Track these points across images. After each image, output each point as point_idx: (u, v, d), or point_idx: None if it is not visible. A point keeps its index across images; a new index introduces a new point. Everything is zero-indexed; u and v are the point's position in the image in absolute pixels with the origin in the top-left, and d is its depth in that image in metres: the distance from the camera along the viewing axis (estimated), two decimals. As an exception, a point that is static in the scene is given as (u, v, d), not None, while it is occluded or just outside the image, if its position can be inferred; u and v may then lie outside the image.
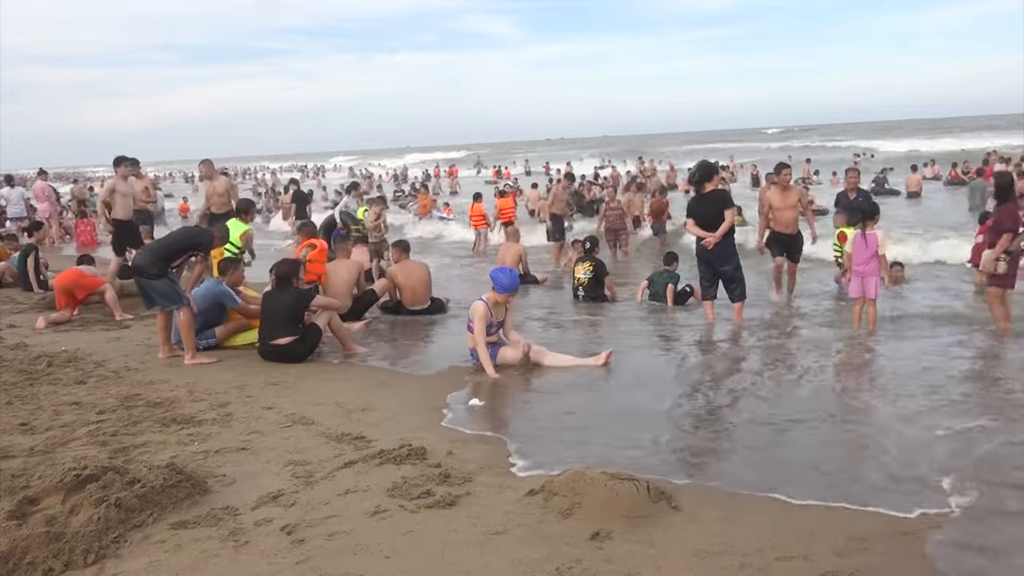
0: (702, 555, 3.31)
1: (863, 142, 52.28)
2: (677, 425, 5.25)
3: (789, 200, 9.33)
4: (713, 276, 8.32)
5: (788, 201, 9.32)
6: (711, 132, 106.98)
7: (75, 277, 9.07)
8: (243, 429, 5.09)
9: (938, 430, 4.91)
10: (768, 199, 9.46)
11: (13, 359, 6.96)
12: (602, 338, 8.12)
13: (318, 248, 8.61)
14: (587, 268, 9.98)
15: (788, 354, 7.17)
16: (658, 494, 3.77)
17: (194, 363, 6.85)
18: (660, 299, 9.45)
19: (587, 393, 5.99)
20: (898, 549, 3.39)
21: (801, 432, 4.99)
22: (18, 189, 17.93)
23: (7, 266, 11.73)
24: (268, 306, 7.11)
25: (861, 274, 7.73)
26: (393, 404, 5.64)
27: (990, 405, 5.43)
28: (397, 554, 3.35)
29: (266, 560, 3.32)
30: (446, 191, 34.77)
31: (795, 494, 3.97)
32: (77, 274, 9.15)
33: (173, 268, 7.06)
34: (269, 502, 3.89)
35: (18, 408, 5.58)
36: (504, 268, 7.29)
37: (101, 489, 3.63)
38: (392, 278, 9.20)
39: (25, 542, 3.31)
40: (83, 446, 4.75)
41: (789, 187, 9.51)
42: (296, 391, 6.04)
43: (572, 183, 18.15)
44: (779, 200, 9.32)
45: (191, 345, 6.96)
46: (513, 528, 3.57)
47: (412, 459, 4.42)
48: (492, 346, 6.68)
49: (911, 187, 23.57)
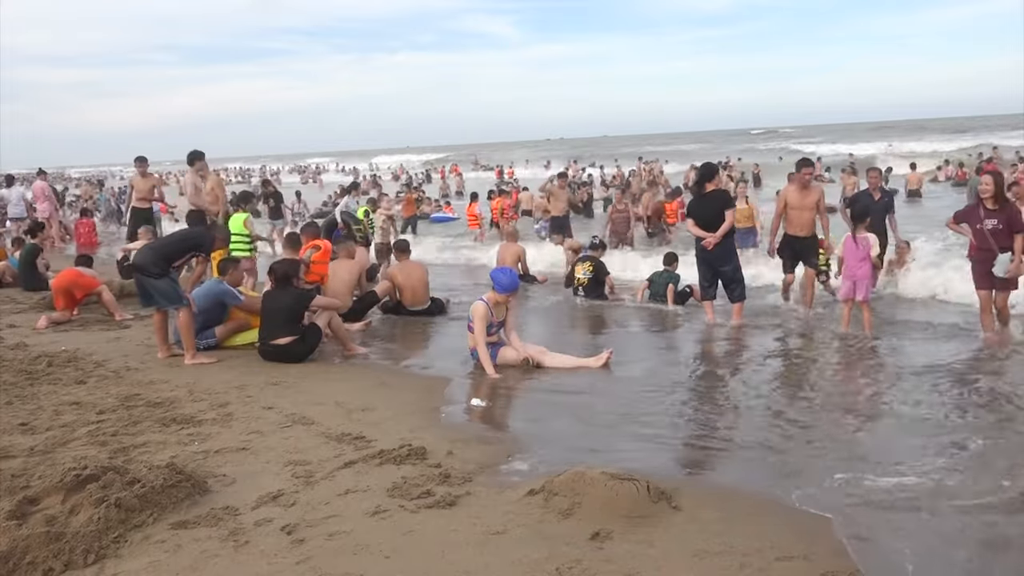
0: (702, 555, 3.31)
1: (864, 143, 52.14)
2: (677, 425, 5.25)
3: (808, 200, 8.49)
4: (713, 276, 8.32)
5: (807, 201, 8.50)
6: (709, 133, 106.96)
7: (73, 277, 9.05)
8: (243, 429, 5.09)
9: (941, 434, 4.92)
10: (785, 197, 8.74)
11: (13, 359, 6.96)
12: (602, 339, 8.12)
13: (322, 249, 8.60)
14: (587, 268, 9.98)
15: (789, 354, 7.17)
16: (658, 494, 3.77)
17: (194, 363, 6.85)
18: (660, 299, 9.45)
19: (587, 393, 5.99)
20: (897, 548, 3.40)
21: (799, 432, 5.00)
22: (18, 189, 17.91)
23: (7, 266, 11.73)
24: (268, 306, 7.11)
25: (852, 277, 7.69)
26: (393, 404, 5.64)
27: (989, 409, 5.44)
28: (397, 554, 3.35)
29: (266, 560, 3.32)
30: (453, 190, 34.66)
31: (795, 494, 3.98)
32: (75, 274, 9.14)
33: (174, 268, 7.06)
34: (269, 502, 3.89)
35: (18, 408, 5.58)
36: (504, 268, 7.29)
37: (101, 489, 3.63)
38: (392, 278, 9.20)
39: (25, 542, 3.31)
40: (83, 446, 4.75)
41: (809, 186, 8.57)
42: (296, 391, 6.04)
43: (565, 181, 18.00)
44: (797, 199, 8.53)
45: (191, 345, 6.96)
46: (513, 528, 3.57)
47: (412, 459, 4.42)
48: (492, 346, 6.69)
49: (911, 185, 23.53)
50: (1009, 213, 7.08)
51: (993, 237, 7.05)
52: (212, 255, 7.83)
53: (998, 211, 7.07)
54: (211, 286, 7.59)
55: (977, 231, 7.16)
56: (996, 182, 7.17)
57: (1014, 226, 7.00)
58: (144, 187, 13.29)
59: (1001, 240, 7.02)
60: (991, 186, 7.10)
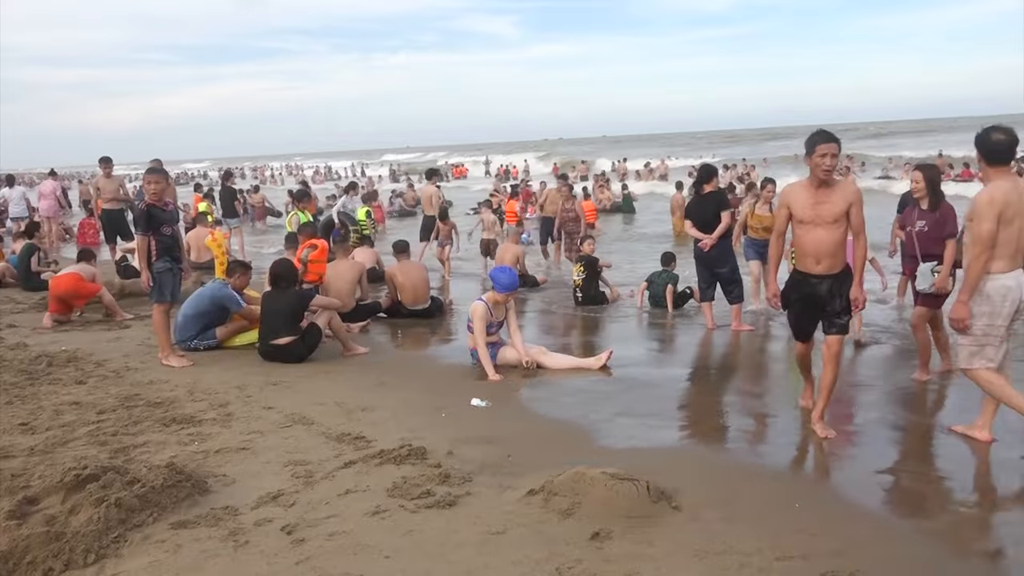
0: (702, 555, 3.31)
1: (860, 143, 52.04)
2: (677, 425, 5.26)
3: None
4: (711, 277, 8.31)
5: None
6: (708, 133, 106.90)
7: (71, 286, 8.79)
8: (243, 429, 5.09)
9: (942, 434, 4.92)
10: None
11: (13, 359, 6.96)
12: (602, 339, 8.12)
13: (319, 248, 8.60)
14: (579, 270, 10.00)
15: (786, 354, 7.16)
16: (658, 494, 3.77)
17: (166, 364, 6.83)
18: (660, 300, 9.45)
19: (587, 393, 5.99)
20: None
21: (800, 431, 5.00)
22: (19, 188, 17.93)
23: (7, 266, 11.74)
24: (268, 306, 7.11)
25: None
26: (393, 404, 5.64)
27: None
28: (397, 554, 3.35)
29: (266, 560, 3.33)
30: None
31: (795, 493, 3.98)
32: (74, 282, 8.85)
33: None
34: (269, 502, 3.89)
35: (18, 408, 5.58)
36: (504, 267, 7.30)
37: (101, 489, 3.64)
38: (391, 279, 9.21)
39: (25, 542, 3.31)
40: (83, 446, 4.75)
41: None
42: (296, 391, 6.04)
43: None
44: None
45: (164, 343, 6.97)
46: (513, 528, 3.57)
47: (412, 459, 4.42)
48: (492, 346, 6.69)
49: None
50: (942, 213, 5.85)
51: (919, 241, 5.88)
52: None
53: (928, 212, 5.90)
54: (216, 288, 7.57)
55: (908, 234, 6.07)
56: (927, 177, 5.94)
57: (944, 229, 5.79)
58: (111, 188, 13.28)
59: (927, 246, 5.83)
60: (922, 183, 5.92)
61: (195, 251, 11.89)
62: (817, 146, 4.65)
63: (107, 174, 13.29)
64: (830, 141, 4.65)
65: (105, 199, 13.29)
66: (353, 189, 16.53)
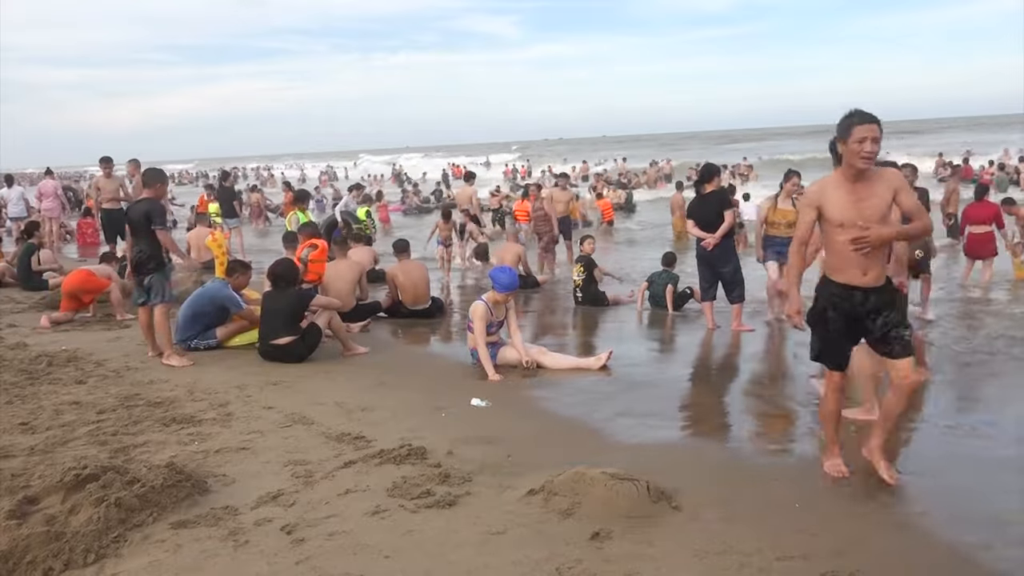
0: (702, 555, 3.31)
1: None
2: (677, 425, 5.25)
3: None
4: (713, 277, 8.30)
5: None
6: (710, 133, 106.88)
7: (82, 280, 8.95)
8: (243, 429, 5.09)
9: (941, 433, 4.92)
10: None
11: (13, 359, 6.96)
12: (602, 339, 8.11)
13: (319, 248, 8.60)
14: (579, 270, 10.00)
15: (787, 355, 7.16)
16: (658, 494, 3.77)
17: (167, 364, 6.84)
18: (660, 300, 9.44)
19: (587, 393, 5.99)
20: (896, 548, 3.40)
21: (799, 431, 5.00)
22: (17, 189, 17.93)
23: (7, 266, 11.73)
24: (268, 306, 7.10)
25: None
26: (393, 404, 5.64)
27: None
28: (397, 554, 3.35)
29: (266, 560, 3.32)
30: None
31: (795, 493, 3.98)
32: (85, 277, 9.01)
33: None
34: (269, 502, 3.89)
35: (18, 408, 5.58)
36: (504, 267, 7.29)
37: (101, 489, 3.64)
38: (392, 279, 9.21)
39: (25, 541, 3.31)
40: (83, 446, 4.75)
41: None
42: (296, 391, 6.04)
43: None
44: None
45: (166, 343, 6.98)
46: (513, 528, 3.57)
47: (412, 459, 4.42)
48: (492, 346, 6.68)
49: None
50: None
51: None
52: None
53: None
54: (216, 288, 7.56)
55: None
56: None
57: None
58: (111, 188, 13.30)
59: None
60: None
61: (195, 251, 11.91)
62: (854, 128, 3.80)
63: (107, 174, 13.30)
64: (871, 122, 3.78)
65: (105, 199, 13.30)
66: (357, 189, 16.53)
